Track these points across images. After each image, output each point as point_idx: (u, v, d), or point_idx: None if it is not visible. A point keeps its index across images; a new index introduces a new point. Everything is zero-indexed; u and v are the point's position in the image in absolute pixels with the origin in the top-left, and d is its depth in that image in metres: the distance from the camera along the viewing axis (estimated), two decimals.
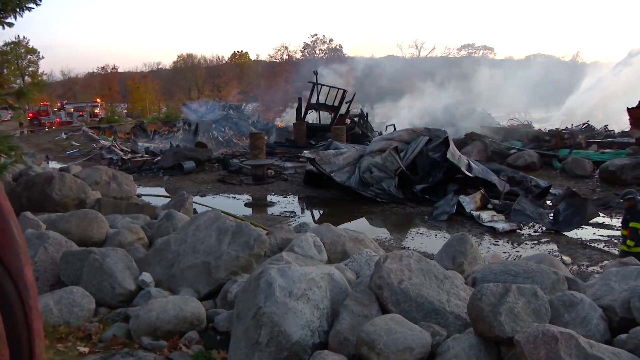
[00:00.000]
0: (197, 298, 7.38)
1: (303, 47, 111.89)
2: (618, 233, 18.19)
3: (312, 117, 47.50)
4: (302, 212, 21.85)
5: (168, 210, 11.15)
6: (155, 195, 22.82)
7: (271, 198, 24.09)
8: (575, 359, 4.68)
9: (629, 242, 12.91)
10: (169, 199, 17.68)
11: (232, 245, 7.97)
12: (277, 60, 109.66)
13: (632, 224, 12.83)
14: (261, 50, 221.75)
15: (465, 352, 5.17)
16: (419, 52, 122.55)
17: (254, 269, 7.25)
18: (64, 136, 51.66)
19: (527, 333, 4.78)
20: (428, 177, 23.13)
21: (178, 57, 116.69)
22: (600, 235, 18.05)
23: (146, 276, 7.88)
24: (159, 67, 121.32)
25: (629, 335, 5.22)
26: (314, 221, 19.82)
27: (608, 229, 19.00)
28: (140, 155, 36.85)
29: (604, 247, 16.78)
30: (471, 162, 24.10)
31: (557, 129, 47.36)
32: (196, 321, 6.70)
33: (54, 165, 32.99)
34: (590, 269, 14.32)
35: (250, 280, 6.18)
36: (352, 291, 6.12)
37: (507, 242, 17.15)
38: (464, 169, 22.72)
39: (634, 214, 13.00)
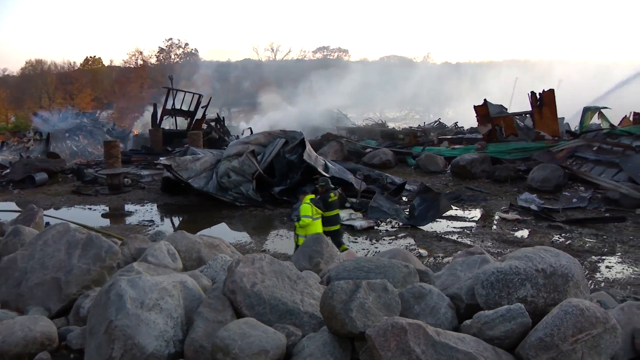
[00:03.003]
0: (48, 316, 7.07)
1: (158, 52, 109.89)
2: (470, 224, 19.04)
3: (169, 123, 46.83)
4: (162, 220, 21.42)
5: (15, 225, 10.61)
6: (3, 210, 21.70)
7: (128, 207, 23.49)
8: (424, 347, 4.85)
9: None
10: (19, 214, 16.87)
11: (82, 259, 7.70)
12: (132, 66, 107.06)
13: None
14: (115, 55, 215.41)
15: (320, 350, 5.23)
16: (275, 55, 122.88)
17: (106, 282, 7.04)
18: None
19: (377, 327, 4.90)
20: (286, 179, 23.24)
21: (26, 63, 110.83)
22: (454, 227, 18.77)
23: None
24: (5, 73, 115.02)
25: (472, 320, 5.46)
26: (174, 229, 19.53)
27: (461, 220, 19.80)
28: None
29: (457, 238, 17.42)
30: (328, 162, 24.44)
31: (410, 127, 48.94)
32: (47, 341, 6.40)
33: None
34: (446, 260, 14.77)
35: (100, 293, 6.01)
36: (206, 297, 6.07)
37: (366, 239, 17.48)
38: (320, 170, 22.98)
39: (322, 199, 14.50)
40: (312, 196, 14.03)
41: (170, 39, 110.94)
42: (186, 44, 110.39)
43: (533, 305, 5.63)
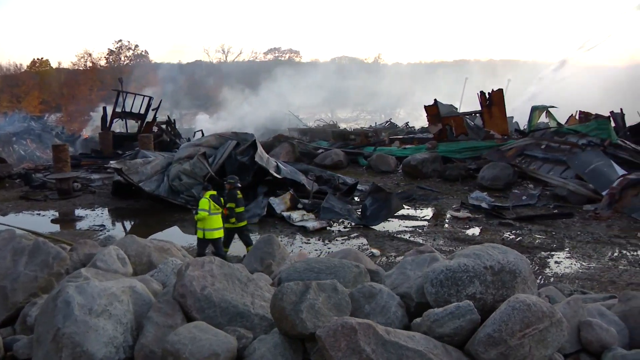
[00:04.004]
0: None
1: (107, 54, 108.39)
2: (422, 223, 19.19)
3: (119, 125, 46.32)
4: (113, 224, 21.13)
5: None
6: None
7: (79, 212, 23.06)
8: (374, 347, 4.88)
9: (232, 220, 14.80)
10: None
11: (29, 266, 7.56)
12: (81, 68, 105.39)
13: (229, 204, 14.71)
14: (63, 57, 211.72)
15: (271, 352, 5.23)
16: (226, 57, 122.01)
17: (54, 289, 6.92)
18: None
19: (327, 327, 4.92)
20: None
21: None
22: (406, 227, 18.91)
23: None
24: None
25: (422, 318, 5.52)
26: (125, 233, 19.29)
27: (413, 220, 19.95)
28: None
29: (409, 237, 17.55)
30: (280, 164, 24.38)
31: (361, 127, 49.15)
32: None
33: None
34: (398, 259, 14.81)
35: (47, 300, 5.91)
36: (156, 302, 6.01)
37: (319, 240, 17.51)
38: (272, 171, 22.94)
39: (230, 196, 14.97)
40: (213, 192, 14.40)
41: (120, 40, 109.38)
42: (136, 46, 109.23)
43: (482, 302, 5.71)
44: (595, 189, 21.23)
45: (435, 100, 34.61)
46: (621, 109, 30.77)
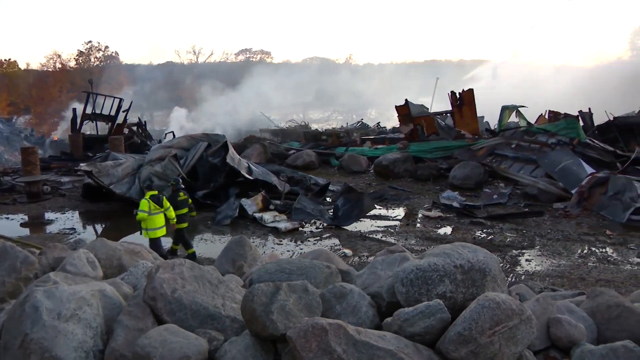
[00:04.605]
0: None
1: (77, 55, 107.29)
2: (394, 223, 19.27)
3: (90, 127, 45.90)
4: (83, 227, 20.95)
5: None
6: None
7: (49, 215, 22.85)
8: (345, 347, 4.88)
9: (172, 221, 15.14)
10: None
11: None
12: (50, 69, 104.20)
13: (167, 205, 15.04)
14: (31, 58, 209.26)
15: (242, 354, 5.21)
16: (197, 58, 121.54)
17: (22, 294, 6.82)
18: None
19: (297, 328, 4.91)
20: (209, 183, 22.98)
21: None
22: (378, 227, 19.00)
23: None
24: None
25: (393, 317, 5.52)
26: (96, 236, 19.13)
27: (385, 219, 20.04)
28: None
29: (381, 237, 17.64)
30: (251, 165, 24.35)
31: (333, 128, 49.21)
32: None
33: None
34: (370, 259, 14.85)
35: (15, 306, 5.84)
36: (126, 305, 5.96)
37: (291, 241, 17.53)
38: (244, 172, 22.90)
39: (171, 198, 15.48)
40: (154, 192, 14.77)
41: (90, 41, 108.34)
42: (106, 47, 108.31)
43: (452, 300, 5.73)
44: (565, 187, 21.47)
45: (406, 100, 34.80)
46: (589, 109, 31.14)
